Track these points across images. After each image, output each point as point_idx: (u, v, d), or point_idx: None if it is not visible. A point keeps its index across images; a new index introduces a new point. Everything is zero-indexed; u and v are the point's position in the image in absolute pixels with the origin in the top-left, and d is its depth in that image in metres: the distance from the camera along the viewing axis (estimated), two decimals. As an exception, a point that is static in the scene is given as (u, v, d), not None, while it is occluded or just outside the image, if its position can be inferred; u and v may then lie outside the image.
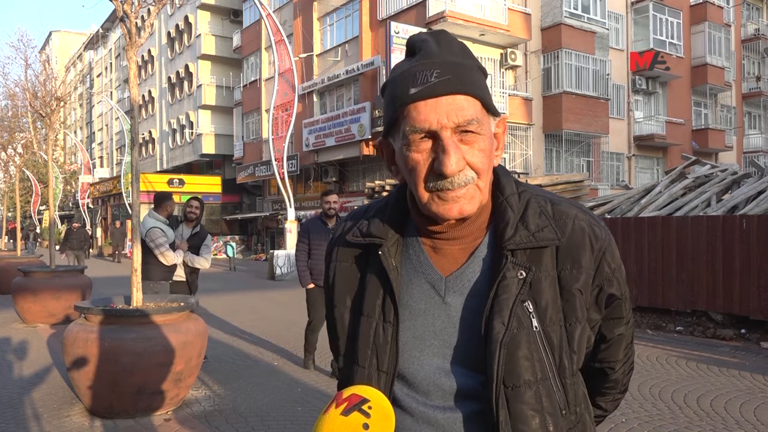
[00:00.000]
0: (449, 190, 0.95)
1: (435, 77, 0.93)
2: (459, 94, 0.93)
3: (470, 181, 0.95)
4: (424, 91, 0.93)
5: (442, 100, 0.93)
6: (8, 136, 17.11)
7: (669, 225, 8.76)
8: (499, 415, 0.94)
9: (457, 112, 0.93)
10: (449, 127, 0.93)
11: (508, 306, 0.95)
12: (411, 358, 1.02)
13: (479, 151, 0.95)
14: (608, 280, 1.02)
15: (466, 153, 0.94)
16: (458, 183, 0.94)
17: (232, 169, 33.02)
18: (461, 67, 0.95)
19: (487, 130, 0.97)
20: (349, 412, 0.92)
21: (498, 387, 0.94)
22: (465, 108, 0.93)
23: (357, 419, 0.91)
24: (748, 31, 31.91)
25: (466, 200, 0.96)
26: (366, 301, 1.05)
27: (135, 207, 5.14)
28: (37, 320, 9.09)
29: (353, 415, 0.91)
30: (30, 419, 4.66)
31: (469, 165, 0.95)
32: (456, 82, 0.93)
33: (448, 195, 0.95)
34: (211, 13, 33.77)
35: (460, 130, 0.94)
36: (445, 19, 19.79)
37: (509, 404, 0.94)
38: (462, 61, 0.96)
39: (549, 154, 23.45)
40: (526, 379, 0.94)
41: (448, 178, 0.94)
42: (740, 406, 4.86)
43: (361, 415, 0.91)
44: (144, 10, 5.50)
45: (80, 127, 61.69)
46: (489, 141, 0.97)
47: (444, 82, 0.93)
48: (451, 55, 0.96)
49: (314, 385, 5.59)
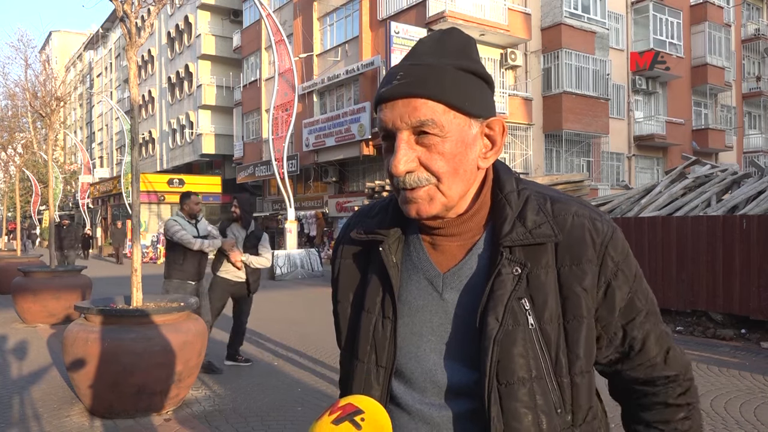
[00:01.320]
0: (405, 190, 0.97)
1: (397, 80, 0.95)
2: (415, 97, 0.94)
3: (424, 183, 0.96)
4: (385, 92, 0.96)
5: (398, 102, 0.95)
6: (8, 136, 17.10)
7: (669, 225, 8.76)
8: (492, 411, 0.93)
9: (409, 114, 0.94)
10: (404, 129, 0.95)
11: (503, 302, 0.95)
12: (409, 354, 1.02)
13: (438, 153, 0.95)
14: (614, 274, 0.99)
15: (421, 155, 0.96)
16: (410, 183, 0.96)
17: (232, 169, 33.03)
18: (427, 68, 0.95)
19: (454, 133, 0.96)
20: (340, 421, 0.90)
21: (491, 383, 0.93)
22: (420, 110, 0.94)
23: (346, 430, 0.89)
24: (748, 31, 31.91)
25: (423, 201, 0.97)
26: (367, 297, 1.05)
27: (135, 207, 5.14)
28: (37, 320, 9.09)
29: (343, 425, 0.90)
30: (30, 419, 4.66)
31: (424, 166, 0.96)
32: (413, 84, 0.94)
33: (406, 195, 0.98)
34: (211, 13, 33.78)
35: (417, 131, 0.95)
36: (445, 19, 19.79)
37: (502, 401, 0.93)
38: (440, 62, 0.96)
39: (549, 154, 23.44)
40: (520, 376, 0.94)
41: (399, 177, 0.96)
42: (740, 406, 4.86)
43: (351, 426, 0.90)
44: (144, 10, 5.50)
45: (80, 127, 61.69)
46: (456, 144, 0.96)
47: (402, 85, 0.95)
48: (432, 56, 0.96)
49: (314, 385, 5.59)
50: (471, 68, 0.97)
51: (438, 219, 1.00)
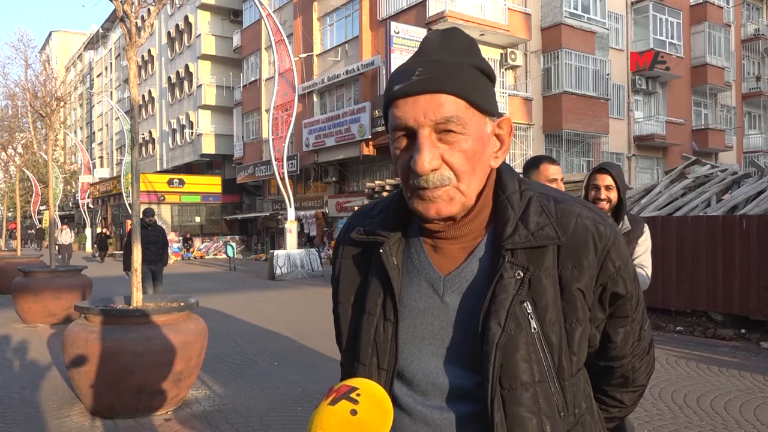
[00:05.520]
0: (426, 189, 0.94)
1: (417, 75, 0.94)
2: (439, 93, 0.93)
3: (447, 182, 0.94)
4: (405, 88, 0.94)
5: (420, 98, 0.93)
6: (8, 136, 17.10)
7: (669, 225, 8.76)
8: (495, 416, 0.93)
9: (434, 110, 0.92)
10: (427, 125, 0.93)
11: (505, 306, 0.94)
12: (410, 356, 1.02)
13: (460, 152, 0.94)
14: (613, 279, 0.99)
15: (444, 152, 0.94)
16: (433, 182, 0.94)
17: (232, 169, 33.02)
18: (447, 65, 0.94)
19: (474, 131, 0.95)
20: (336, 401, 0.93)
21: (494, 388, 0.93)
22: (444, 106, 0.92)
23: (344, 407, 0.92)
24: (748, 31, 31.90)
25: (443, 201, 0.95)
26: (368, 299, 1.05)
27: (135, 207, 5.14)
28: (37, 320, 9.09)
29: (340, 404, 0.92)
30: (30, 419, 4.66)
31: (447, 165, 0.94)
32: (437, 80, 0.93)
33: (426, 194, 0.95)
34: (211, 13, 33.78)
35: (440, 128, 0.93)
36: (445, 19, 19.78)
37: (506, 406, 0.93)
38: (453, 59, 0.95)
39: (549, 154, 23.43)
40: (523, 380, 0.93)
41: (422, 176, 0.93)
42: (740, 406, 4.86)
43: (348, 402, 0.92)
44: (144, 10, 5.50)
45: (80, 127, 61.68)
46: (476, 142, 0.96)
47: (424, 80, 0.93)
48: (445, 53, 0.96)
49: (314, 385, 5.59)
50: (482, 67, 0.97)
51: (450, 220, 0.99)
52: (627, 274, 1.01)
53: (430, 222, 0.99)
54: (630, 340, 1.07)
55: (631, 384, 1.13)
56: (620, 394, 1.14)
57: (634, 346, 1.08)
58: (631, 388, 1.14)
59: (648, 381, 1.17)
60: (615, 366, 1.10)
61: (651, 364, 1.15)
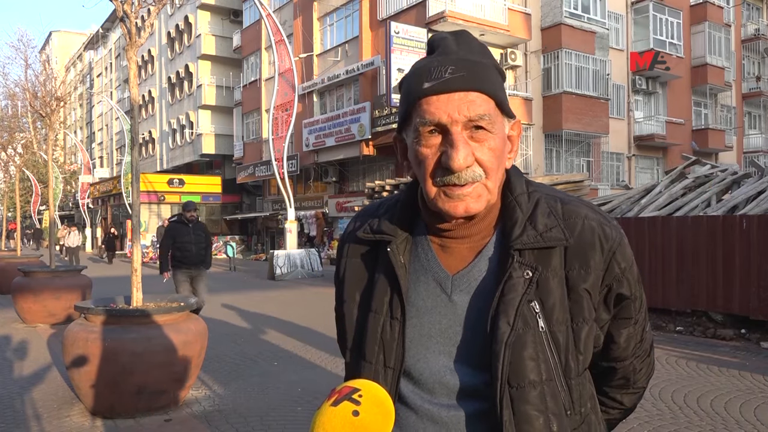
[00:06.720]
0: (456, 186, 0.95)
1: (449, 73, 0.94)
2: (472, 91, 0.94)
3: (477, 179, 0.95)
4: (437, 85, 0.94)
5: (454, 95, 0.94)
6: (8, 136, 17.10)
7: (669, 225, 8.76)
8: (503, 414, 0.94)
9: (468, 107, 0.93)
10: (460, 122, 0.94)
11: (514, 306, 0.95)
12: (417, 355, 1.02)
13: (489, 149, 0.95)
14: (618, 280, 1.01)
15: (475, 150, 0.95)
16: (465, 179, 0.94)
17: (232, 169, 33.03)
18: (477, 65, 0.96)
19: (500, 130, 0.97)
20: (338, 402, 0.93)
21: (502, 387, 0.94)
22: (477, 104, 0.94)
23: (346, 408, 0.92)
24: (748, 31, 31.91)
25: (472, 199, 0.96)
26: (374, 298, 1.05)
27: (135, 207, 5.14)
28: (37, 320, 9.09)
29: (342, 405, 0.93)
30: (30, 419, 4.65)
31: (478, 162, 0.95)
32: (470, 78, 0.94)
33: (455, 192, 0.95)
34: (211, 13, 33.78)
35: (471, 125, 0.94)
36: (445, 19, 19.79)
37: (513, 404, 0.94)
38: (479, 59, 0.97)
39: (549, 154, 23.44)
40: (531, 379, 0.94)
41: (455, 173, 0.94)
42: (740, 406, 4.86)
43: (350, 403, 0.93)
44: (144, 10, 5.50)
45: (80, 127, 61.68)
46: (500, 141, 0.98)
47: (458, 78, 0.94)
48: (468, 53, 0.97)
49: (314, 385, 5.59)
50: (499, 68, 1.00)
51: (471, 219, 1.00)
52: (632, 275, 1.03)
53: (452, 221, 1.00)
54: (632, 342, 1.09)
55: (632, 385, 1.15)
56: (621, 396, 1.17)
57: (636, 348, 1.10)
58: (632, 389, 1.16)
59: (648, 383, 1.19)
60: (617, 367, 1.11)
61: (651, 366, 1.17)
